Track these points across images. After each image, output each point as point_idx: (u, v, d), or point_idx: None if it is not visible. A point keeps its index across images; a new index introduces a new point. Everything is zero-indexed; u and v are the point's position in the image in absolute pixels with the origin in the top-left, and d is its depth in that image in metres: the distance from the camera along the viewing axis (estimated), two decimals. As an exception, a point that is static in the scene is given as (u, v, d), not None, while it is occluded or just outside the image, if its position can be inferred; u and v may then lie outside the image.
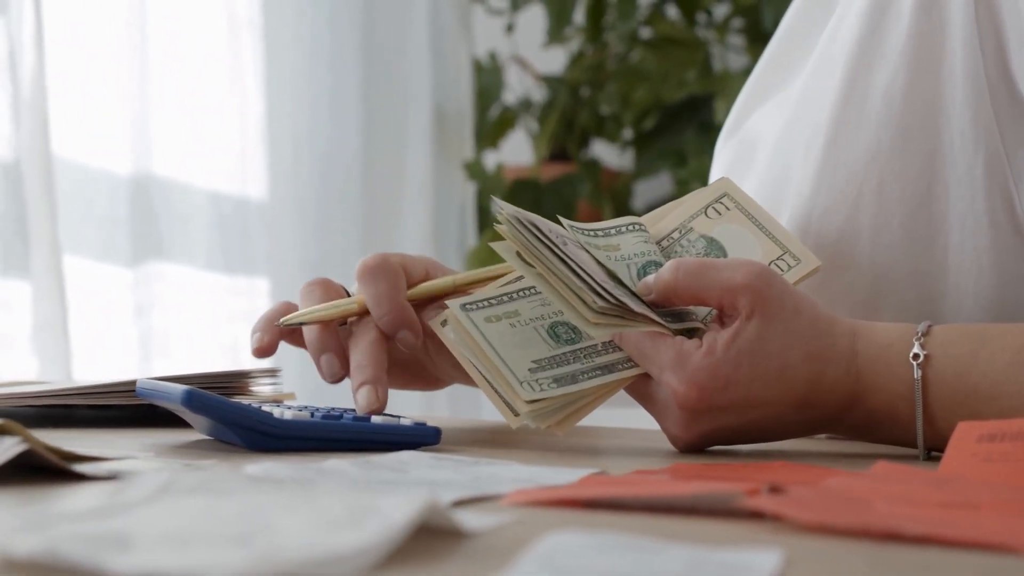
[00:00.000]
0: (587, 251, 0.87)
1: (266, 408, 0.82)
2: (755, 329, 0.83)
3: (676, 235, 0.93)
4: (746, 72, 2.44)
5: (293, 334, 0.95)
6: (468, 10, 2.47)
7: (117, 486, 0.50)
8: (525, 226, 0.84)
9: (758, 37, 2.45)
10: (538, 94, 2.62)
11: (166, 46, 1.84)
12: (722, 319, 0.85)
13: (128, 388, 0.94)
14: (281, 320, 0.93)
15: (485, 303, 0.87)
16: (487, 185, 2.43)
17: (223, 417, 0.80)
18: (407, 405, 2.16)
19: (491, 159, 2.61)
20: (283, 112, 2.08)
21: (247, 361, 1.99)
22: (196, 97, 1.90)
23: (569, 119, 2.52)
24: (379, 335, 0.91)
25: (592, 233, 0.90)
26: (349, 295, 0.94)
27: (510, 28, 2.54)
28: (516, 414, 0.84)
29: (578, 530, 0.49)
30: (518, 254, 0.85)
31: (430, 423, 0.85)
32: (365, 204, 2.23)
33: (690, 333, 0.86)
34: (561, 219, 0.89)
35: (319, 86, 2.15)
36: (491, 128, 2.54)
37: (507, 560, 0.48)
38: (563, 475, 0.69)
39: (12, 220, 1.48)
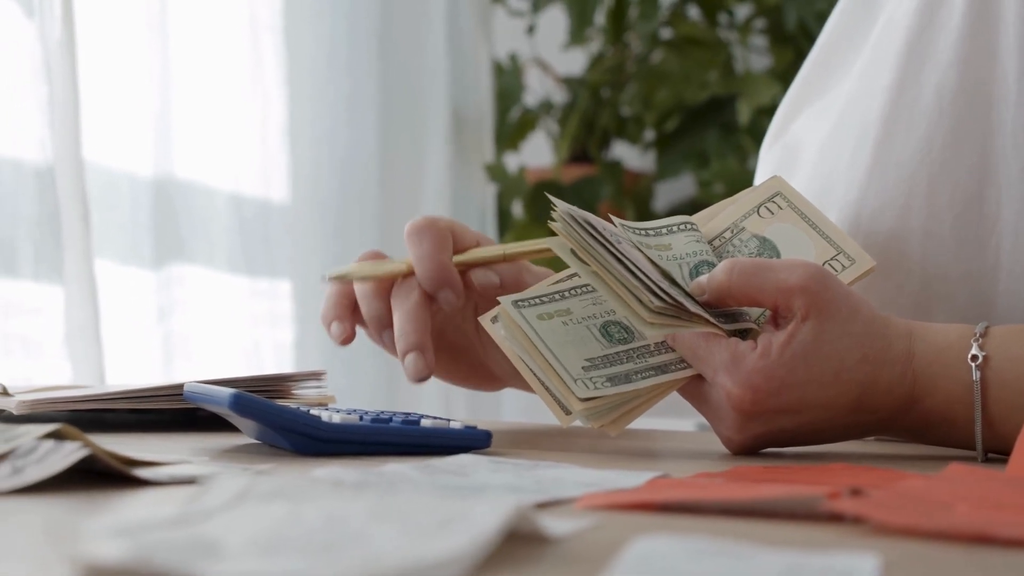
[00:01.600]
0: (640, 250, 0.86)
1: (313, 412, 0.81)
2: (811, 331, 0.82)
3: (728, 234, 0.91)
4: (768, 73, 2.43)
5: (357, 314, 0.94)
6: (488, 11, 2.46)
7: (193, 492, 0.49)
8: (580, 224, 0.83)
9: (780, 38, 2.44)
10: (558, 96, 2.61)
11: (188, 49, 1.83)
12: (776, 320, 0.84)
13: (174, 392, 0.93)
14: (330, 274, 0.93)
15: (537, 300, 0.85)
16: (509, 187, 2.42)
17: (272, 421, 0.78)
18: (420, 407, 2.15)
19: (511, 161, 2.60)
20: (304, 115, 2.07)
21: (269, 364, 1.98)
22: (218, 100, 1.89)
23: (589, 121, 2.51)
24: (421, 297, 0.91)
25: (644, 232, 0.89)
26: None
27: (531, 30, 2.52)
28: (567, 413, 0.83)
29: (667, 535, 0.48)
30: (572, 251, 0.84)
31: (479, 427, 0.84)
32: (384, 207, 2.22)
33: (743, 334, 0.85)
34: (612, 218, 0.88)
35: (338, 89, 2.14)
36: (511, 130, 2.52)
37: (596, 566, 0.47)
38: (627, 478, 0.68)
39: (46, 224, 1.47)
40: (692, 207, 2.46)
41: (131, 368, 1.69)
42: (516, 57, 2.54)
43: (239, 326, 1.93)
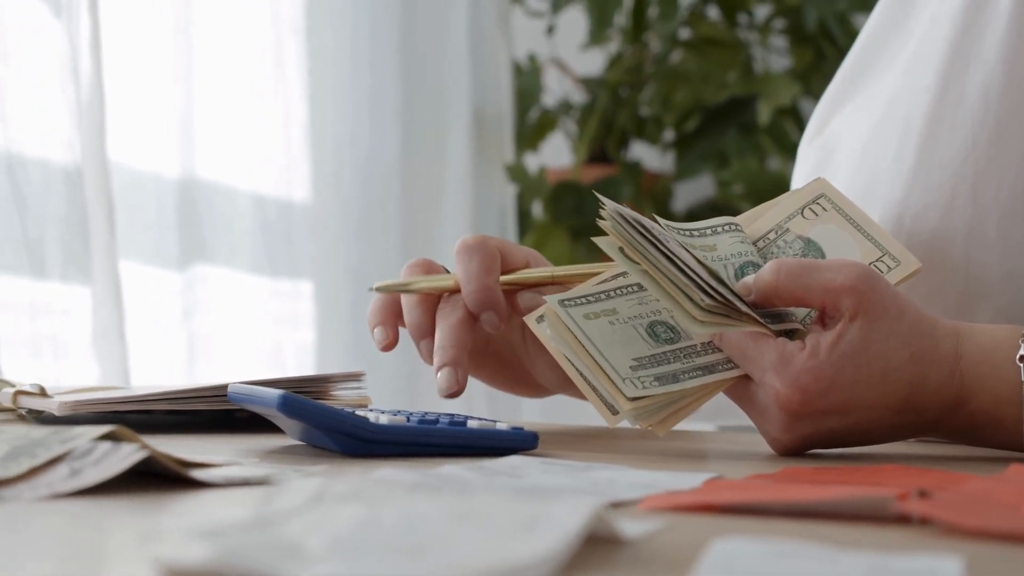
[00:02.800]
0: (687, 250, 0.85)
1: (360, 413, 0.81)
2: (859, 331, 0.81)
3: (772, 236, 0.91)
4: (788, 73, 2.43)
5: (401, 319, 0.94)
6: (507, 12, 2.46)
7: (266, 494, 0.48)
8: (630, 222, 0.82)
9: (800, 38, 2.43)
10: (577, 96, 2.60)
11: (211, 49, 1.83)
12: (823, 321, 0.83)
13: (216, 393, 0.92)
14: (377, 285, 0.93)
15: (583, 300, 0.85)
16: (529, 187, 2.42)
17: (320, 422, 0.78)
18: (440, 408, 2.14)
19: (530, 162, 2.60)
20: (325, 116, 2.07)
21: (290, 365, 1.98)
22: (241, 101, 1.89)
23: (608, 121, 2.50)
24: (465, 316, 0.90)
25: (688, 233, 0.89)
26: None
27: (551, 30, 2.52)
28: (614, 413, 0.83)
29: (744, 537, 0.48)
30: (621, 250, 0.83)
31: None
32: (405, 207, 2.22)
33: (789, 335, 0.84)
34: (657, 218, 0.88)
35: (360, 90, 2.14)
36: (531, 131, 2.52)
37: (672, 568, 0.47)
38: (682, 479, 0.68)
39: (74, 225, 1.47)
40: (711, 208, 2.45)
41: (155, 369, 1.68)
42: (535, 57, 2.54)
43: (261, 327, 1.92)
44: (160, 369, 1.70)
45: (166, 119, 1.75)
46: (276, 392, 0.78)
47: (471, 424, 0.82)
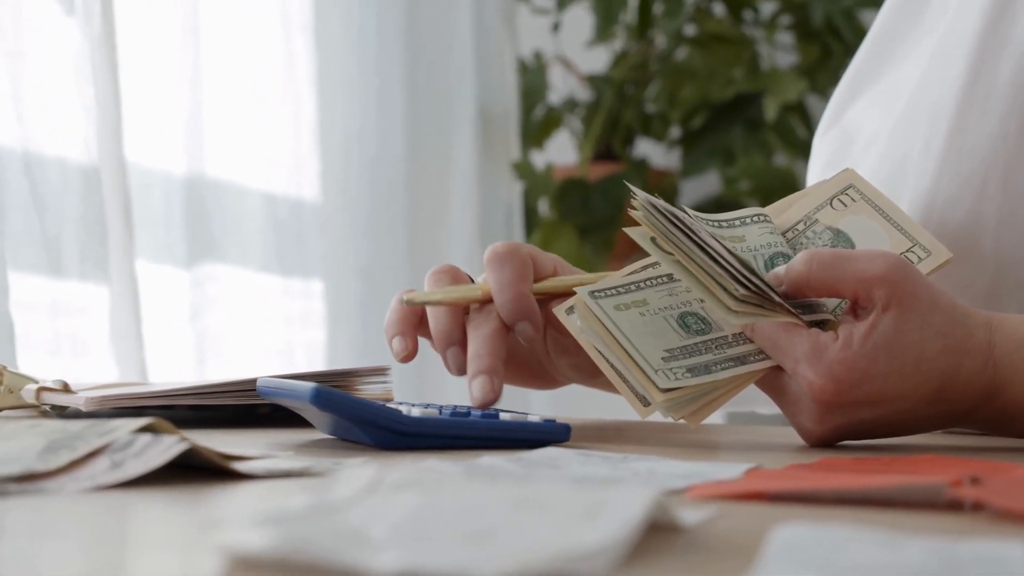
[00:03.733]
0: (718, 241, 0.85)
1: (391, 406, 0.80)
2: (892, 321, 0.81)
3: (801, 227, 0.91)
4: (794, 70, 2.43)
5: (421, 327, 0.93)
6: (513, 10, 2.46)
7: (321, 484, 0.48)
8: (662, 212, 0.82)
9: (807, 34, 2.43)
10: (582, 93, 2.60)
11: (220, 47, 1.83)
12: (856, 311, 0.83)
13: (242, 388, 0.92)
14: (405, 297, 0.90)
15: (613, 291, 0.85)
16: (536, 185, 2.41)
17: (353, 415, 0.78)
18: (447, 400, 2.14)
19: (535, 159, 2.59)
20: (333, 114, 2.07)
21: (300, 363, 1.97)
22: (250, 99, 1.88)
23: (614, 118, 2.50)
24: (499, 325, 0.89)
25: (717, 224, 0.89)
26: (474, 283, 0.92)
27: (556, 27, 2.52)
28: (645, 405, 0.82)
29: (804, 524, 0.47)
30: (653, 240, 0.83)
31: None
32: (412, 205, 2.21)
33: (820, 326, 0.84)
34: (686, 208, 0.88)
35: (367, 88, 2.13)
36: (536, 128, 2.52)
37: (732, 555, 0.46)
38: (722, 469, 0.67)
39: (92, 224, 1.47)
40: (718, 205, 2.45)
41: (166, 367, 1.68)
42: (540, 55, 2.53)
43: (271, 325, 1.92)
44: (171, 367, 1.69)
45: (175, 117, 1.75)
46: (309, 385, 0.77)
47: (503, 417, 0.81)
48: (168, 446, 0.61)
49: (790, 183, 2.38)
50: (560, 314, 0.88)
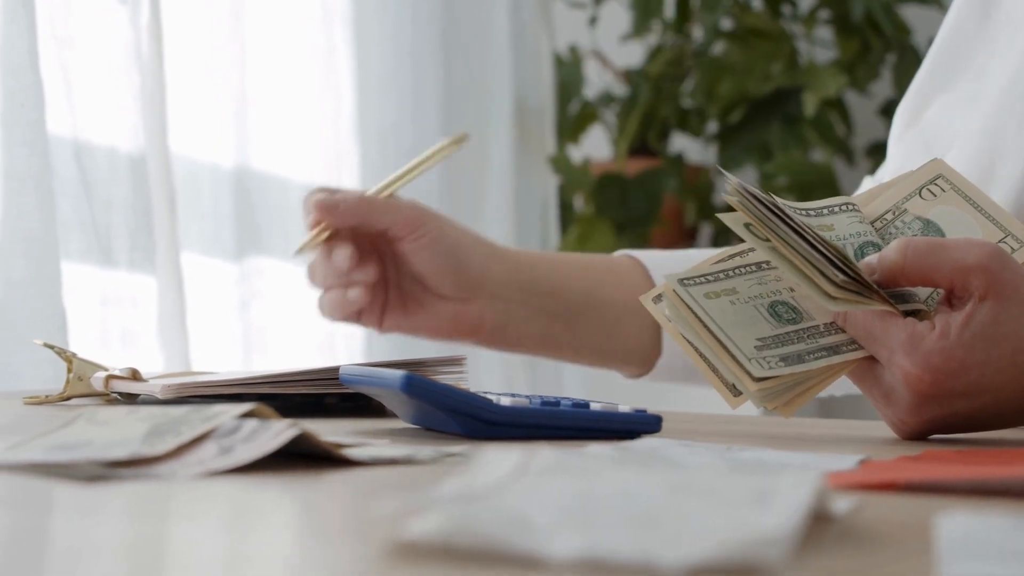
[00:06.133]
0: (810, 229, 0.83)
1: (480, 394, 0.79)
2: (989, 311, 0.79)
3: (889, 216, 0.89)
4: (834, 65, 2.40)
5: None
6: (549, 3, 2.44)
7: (464, 469, 0.46)
8: (758, 198, 0.81)
9: (846, 28, 2.41)
10: (617, 88, 2.58)
11: (264, 38, 1.81)
12: (950, 300, 0.81)
13: (321, 376, 0.91)
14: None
15: (702, 279, 0.83)
16: (573, 179, 2.39)
17: (445, 403, 0.76)
18: (481, 386, 2.12)
19: (570, 154, 2.57)
20: (372, 106, 2.05)
21: (341, 356, 1.95)
22: (293, 90, 1.87)
23: (650, 113, 2.48)
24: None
25: (805, 212, 0.87)
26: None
27: (593, 21, 2.50)
28: (735, 395, 0.81)
29: (967, 514, 0.46)
30: (747, 226, 0.81)
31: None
32: (448, 199, 2.19)
33: (911, 316, 0.82)
34: (774, 196, 0.86)
35: (404, 81, 2.11)
36: (572, 123, 2.50)
37: (888, 544, 0.45)
38: (835, 461, 0.66)
39: (141, 214, 1.46)
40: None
41: (213, 360, 1.66)
42: (576, 49, 2.51)
43: (312, 318, 1.90)
44: (216, 360, 1.67)
45: (222, 108, 1.73)
46: (399, 373, 0.76)
47: (594, 407, 0.80)
48: (278, 432, 0.60)
49: (828, 179, 2.36)
50: (647, 303, 0.86)
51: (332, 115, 1.93)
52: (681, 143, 2.62)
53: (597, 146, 2.60)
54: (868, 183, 1.29)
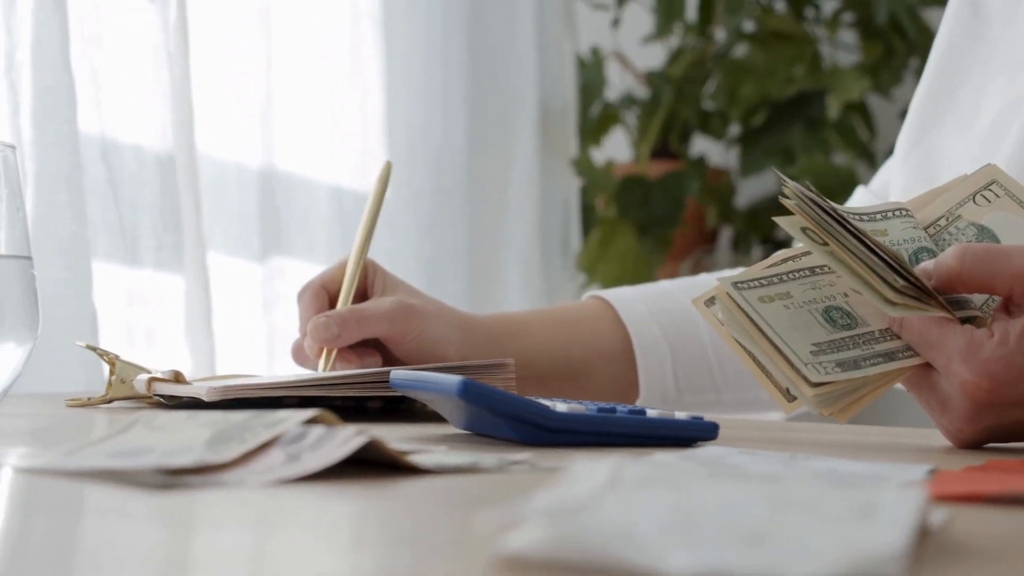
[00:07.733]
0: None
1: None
2: (1049, 319, 0.78)
3: (943, 222, 0.88)
4: (857, 68, 2.39)
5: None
6: (572, 5, 2.43)
7: (557, 480, 0.45)
8: (816, 202, 0.80)
9: (870, 32, 2.40)
10: (639, 90, 2.57)
11: (291, 38, 1.80)
12: (1008, 308, 0.80)
13: (370, 380, 0.90)
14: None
15: (756, 283, 0.82)
16: (595, 181, 2.39)
17: (502, 409, 0.75)
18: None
19: (591, 156, 2.57)
20: (400, 108, 2.04)
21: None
22: (319, 91, 1.86)
23: (672, 115, 2.47)
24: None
25: (858, 217, 0.86)
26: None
27: (616, 23, 2.49)
28: (789, 400, 0.80)
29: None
30: (804, 230, 0.80)
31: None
32: (472, 201, 2.19)
33: (967, 323, 0.81)
34: (827, 199, 0.85)
35: (431, 82, 2.11)
36: (594, 125, 2.49)
37: (987, 559, 0.44)
38: (906, 471, 0.65)
39: (168, 213, 1.45)
40: (776, 205, 2.41)
41: (238, 361, 1.65)
42: (598, 51, 2.50)
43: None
44: (243, 362, 1.67)
45: (248, 108, 1.73)
46: (455, 378, 0.75)
47: (650, 413, 0.79)
48: (346, 439, 0.59)
49: (851, 183, 2.34)
50: (699, 306, 0.85)
51: (359, 116, 1.92)
52: (703, 146, 2.61)
53: (618, 148, 2.60)
54: (860, 193, 1.29)
